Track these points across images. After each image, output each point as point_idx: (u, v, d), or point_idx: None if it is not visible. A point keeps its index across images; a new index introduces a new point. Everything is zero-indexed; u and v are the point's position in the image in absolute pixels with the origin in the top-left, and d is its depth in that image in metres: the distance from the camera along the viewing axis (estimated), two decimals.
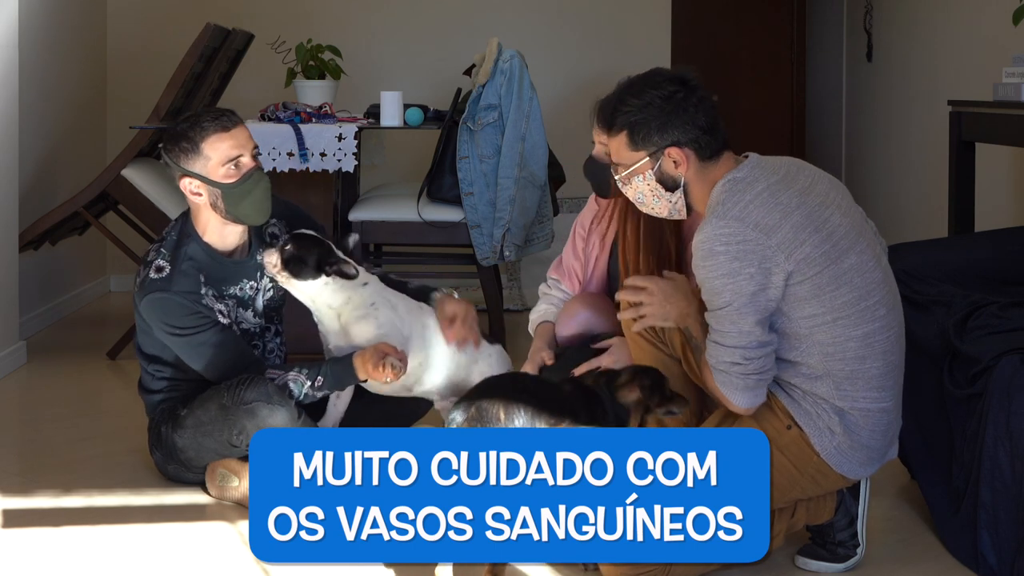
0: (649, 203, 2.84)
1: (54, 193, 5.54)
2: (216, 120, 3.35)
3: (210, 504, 3.38)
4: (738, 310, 2.61)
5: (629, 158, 2.79)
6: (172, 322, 3.33)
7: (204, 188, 3.35)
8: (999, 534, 2.83)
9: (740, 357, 2.63)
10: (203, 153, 3.33)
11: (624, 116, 2.77)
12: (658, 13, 6.71)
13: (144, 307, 3.36)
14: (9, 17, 4.75)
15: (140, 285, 3.37)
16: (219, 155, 3.33)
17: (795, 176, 2.73)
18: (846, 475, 2.73)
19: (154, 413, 3.50)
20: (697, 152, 2.75)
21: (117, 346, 5.00)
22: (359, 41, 6.44)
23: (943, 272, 3.42)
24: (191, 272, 3.35)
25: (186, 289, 3.33)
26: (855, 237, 2.71)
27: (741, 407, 2.68)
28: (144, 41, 6.47)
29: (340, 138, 4.74)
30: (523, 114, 4.68)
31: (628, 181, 2.82)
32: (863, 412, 2.69)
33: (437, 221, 4.80)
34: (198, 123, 3.35)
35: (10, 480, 3.55)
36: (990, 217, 4.95)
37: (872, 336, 2.68)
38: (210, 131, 3.33)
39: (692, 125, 2.73)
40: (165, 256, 3.37)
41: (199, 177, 3.35)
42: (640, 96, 2.76)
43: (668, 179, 2.77)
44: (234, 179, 3.34)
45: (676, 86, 2.75)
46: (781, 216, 2.64)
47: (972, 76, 5.43)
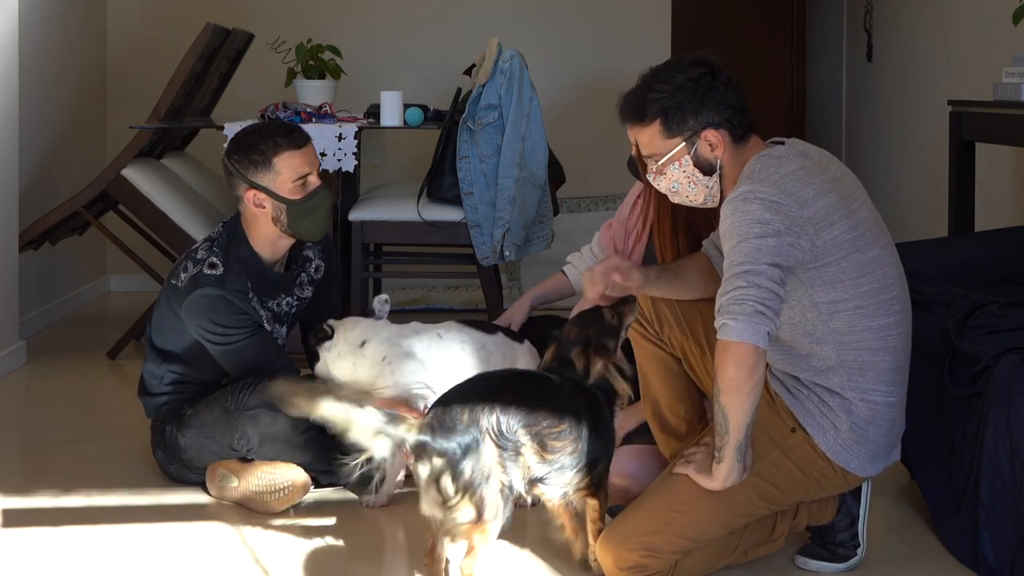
0: (684, 191, 2.80)
1: (54, 193, 5.54)
2: (289, 136, 3.38)
3: (210, 504, 3.38)
4: (758, 246, 2.56)
5: (664, 147, 2.75)
6: (219, 320, 3.32)
7: (269, 201, 3.37)
8: (999, 534, 2.83)
9: (744, 281, 2.55)
10: (274, 168, 3.36)
11: (656, 103, 2.73)
12: (658, 13, 6.71)
13: (193, 300, 3.33)
14: (9, 17, 4.75)
15: (191, 280, 3.34)
16: (290, 171, 3.37)
17: (827, 165, 2.73)
18: (853, 472, 2.73)
19: (158, 413, 3.50)
20: (731, 132, 2.73)
21: (117, 346, 5.00)
22: (359, 41, 6.44)
23: (943, 272, 3.42)
24: (242, 273, 3.37)
25: (238, 288, 3.34)
26: (879, 232, 2.72)
27: (734, 339, 2.53)
28: (144, 41, 6.47)
29: (340, 138, 4.74)
30: (523, 114, 4.67)
31: (663, 172, 2.78)
32: (871, 405, 2.69)
33: (437, 221, 4.80)
34: (272, 138, 3.37)
35: (10, 480, 3.55)
36: (990, 217, 4.95)
37: (887, 329, 2.69)
38: (283, 147, 3.36)
39: (725, 105, 2.72)
40: (218, 255, 3.37)
41: (266, 191, 3.37)
42: (669, 81, 2.73)
43: (705, 163, 2.75)
44: (301, 196, 3.37)
45: (703, 68, 2.73)
46: (815, 194, 2.63)
47: (972, 76, 5.43)
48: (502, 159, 4.67)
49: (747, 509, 2.72)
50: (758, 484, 2.71)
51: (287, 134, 3.39)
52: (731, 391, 2.56)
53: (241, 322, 3.34)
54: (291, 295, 3.54)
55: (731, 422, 2.58)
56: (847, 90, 7.46)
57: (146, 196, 4.96)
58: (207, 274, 3.34)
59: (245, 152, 3.38)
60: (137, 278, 6.12)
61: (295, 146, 3.38)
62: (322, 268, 3.63)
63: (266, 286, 3.45)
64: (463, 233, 4.79)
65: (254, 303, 3.39)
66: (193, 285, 3.34)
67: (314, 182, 3.42)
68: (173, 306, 3.39)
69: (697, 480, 2.67)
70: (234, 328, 3.33)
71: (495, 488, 2.59)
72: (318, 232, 3.46)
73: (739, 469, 2.63)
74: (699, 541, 2.72)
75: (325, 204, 3.44)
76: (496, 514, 2.59)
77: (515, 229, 4.69)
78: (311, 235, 3.45)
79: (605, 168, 6.17)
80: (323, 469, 3.37)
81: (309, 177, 3.40)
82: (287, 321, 3.56)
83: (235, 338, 3.34)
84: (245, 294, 3.36)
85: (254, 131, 3.42)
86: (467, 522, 2.58)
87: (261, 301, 3.43)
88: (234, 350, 3.36)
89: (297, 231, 3.42)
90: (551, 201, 4.94)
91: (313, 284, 3.60)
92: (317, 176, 3.44)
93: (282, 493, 3.28)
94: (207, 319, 3.33)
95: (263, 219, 3.40)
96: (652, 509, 2.71)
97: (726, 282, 2.59)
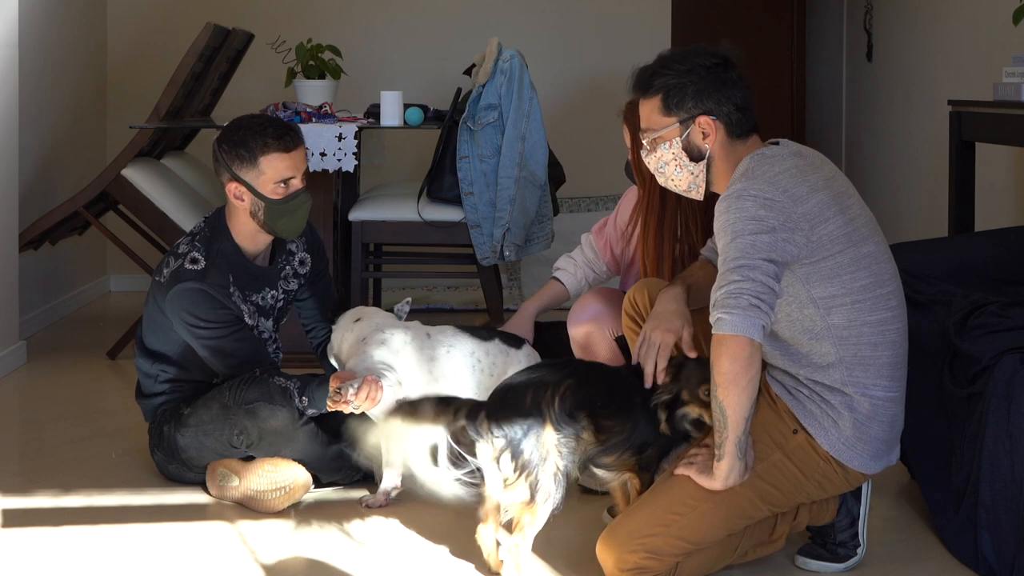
0: (670, 174, 2.84)
1: (54, 193, 5.54)
2: (279, 139, 3.37)
3: (210, 504, 3.38)
4: (752, 242, 2.58)
5: (659, 122, 2.80)
6: (200, 314, 3.33)
7: (248, 196, 3.38)
8: (999, 534, 2.83)
9: (739, 275, 2.57)
10: (259, 166, 3.36)
11: (663, 79, 2.78)
12: (658, 13, 6.71)
13: (174, 295, 3.35)
14: (9, 17, 4.75)
15: (172, 275, 3.36)
16: (274, 173, 3.37)
17: (820, 165, 2.76)
18: (856, 469, 2.73)
19: (155, 414, 3.50)
20: (727, 127, 2.77)
21: (117, 346, 5.00)
22: (359, 41, 6.44)
23: (943, 271, 3.42)
24: (224, 268, 3.38)
25: (219, 283, 3.35)
26: (873, 228, 2.75)
27: (729, 332, 2.55)
28: (144, 41, 6.47)
29: (340, 138, 4.74)
30: (523, 114, 4.67)
31: (654, 148, 2.82)
32: (872, 400, 2.69)
33: (437, 221, 4.80)
34: (262, 136, 3.36)
35: (10, 480, 3.55)
36: (990, 217, 4.95)
37: (885, 324, 2.70)
38: (272, 148, 3.36)
39: (728, 100, 2.76)
40: (200, 250, 3.39)
41: (247, 186, 3.37)
42: (683, 62, 2.78)
43: (695, 149, 2.78)
44: (280, 197, 3.37)
45: (718, 59, 2.78)
46: (809, 190, 2.65)
47: (972, 76, 5.43)
48: (502, 159, 4.67)
49: (748, 511, 2.72)
50: (759, 486, 2.71)
51: (278, 136, 3.37)
52: (727, 385, 2.57)
53: (222, 317, 3.35)
54: (275, 288, 3.53)
55: (729, 417, 2.59)
56: (847, 90, 7.45)
57: (146, 196, 4.96)
58: (188, 268, 3.35)
59: (234, 145, 3.38)
60: (137, 278, 6.13)
61: (283, 149, 3.37)
62: (308, 261, 3.62)
63: (249, 279, 3.46)
64: (463, 233, 4.79)
65: (235, 298, 3.39)
66: (174, 280, 3.35)
67: (296, 185, 3.41)
68: (158, 302, 3.40)
69: (699, 481, 2.68)
70: (216, 323, 3.34)
71: (550, 471, 2.72)
72: (293, 231, 3.46)
73: (740, 467, 2.64)
74: (700, 543, 2.72)
75: (304, 207, 3.44)
76: (547, 497, 2.71)
77: (515, 229, 4.69)
78: (286, 234, 3.45)
79: (605, 168, 6.16)
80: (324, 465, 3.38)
81: (292, 180, 3.40)
82: (272, 314, 3.55)
83: (217, 332, 3.35)
84: (226, 288, 3.37)
85: (248, 124, 3.41)
86: (520, 502, 2.71)
87: (244, 295, 3.43)
88: (216, 344, 3.36)
89: (272, 229, 3.42)
90: (551, 201, 4.93)
91: (298, 277, 3.59)
92: (302, 180, 3.43)
93: (283, 491, 3.28)
94: (188, 313, 3.34)
95: (241, 211, 3.41)
96: (653, 511, 2.71)
97: (721, 277, 2.61)
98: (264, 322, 3.52)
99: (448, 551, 3.02)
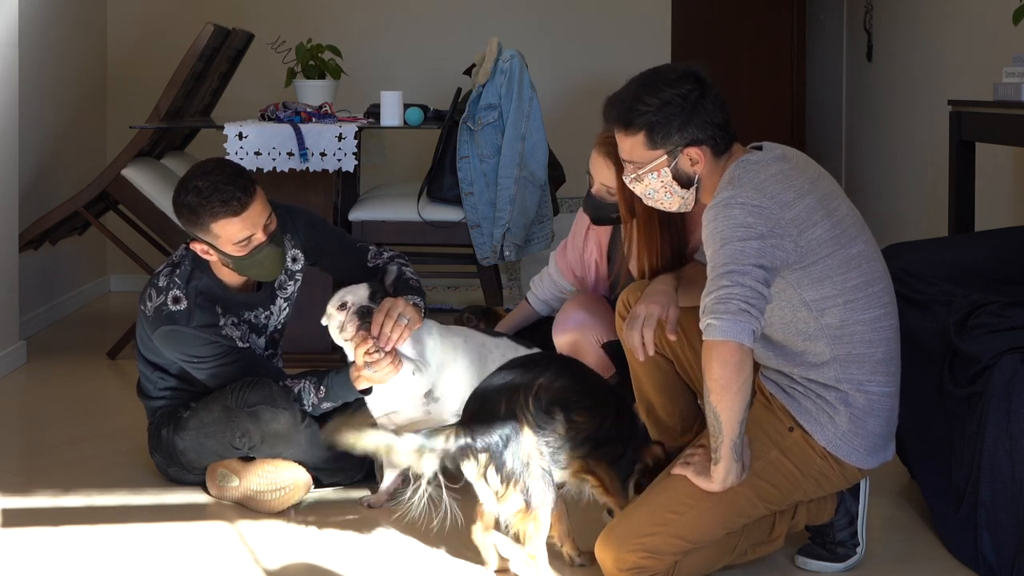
0: (659, 198, 2.83)
1: (54, 193, 5.54)
2: (226, 204, 3.21)
3: (210, 504, 3.38)
4: (742, 248, 2.58)
5: (646, 156, 2.77)
6: (191, 352, 3.33)
7: (215, 252, 3.31)
8: (999, 534, 2.83)
9: (728, 280, 2.56)
10: (212, 232, 3.26)
11: (643, 116, 2.73)
12: (658, 13, 6.70)
13: (162, 337, 3.32)
14: (9, 17, 4.75)
15: (156, 311, 3.31)
16: (228, 236, 3.26)
17: (805, 167, 2.76)
18: (852, 464, 2.73)
19: (154, 416, 3.50)
20: (713, 149, 2.75)
21: (117, 346, 5.00)
22: (359, 41, 6.43)
23: (943, 271, 3.42)
24: (206, 306, 3.33)
25: (204, 323, 3.30)
26: (860, 228, 2.75)
27: (719, 337, 2.54)
28: (144, 41, 6.47)
29: (340, 138, 4.74)
30: (523, 114, 4.67)
31: (640, 179, 2.81)
32: (868, 395, 2.70)
33: (437, 221, 4.80)
34: (208, 204, 3.22)
35: (10, 480, 3.55)
36: (990, 217, 4.95)
37: (878, 321, 2.71)
38: (220, 215, 3.23)
39: (710, 123, 2.73)
40: (180, 286, 3.32)
41: (210, 245, 3.30)
42: (657, 94, 2.73)
43: (684, 176, 2.77)
44: (244, 253, 3.29)
45: (692, 84, 2.74)
46: (795, 196, 2.65)
47: (972, 76, 5.43)
48: (502, 159, 4.67)
49: (746, 509, 2.73)
50: (757, 484, 2.71)
51: (224, 202, 3.21)
52: (720, 390, 2.57)
53: (215, 351, 3.33)
54: (268, 309, 3.50)
55: (723, 421, 2.59)
56: (847, 90, 7.45)
57: (146, 196, 4.96)
58: (171, 311, 3.29)
59: (184, 214, 3.27)
60: (137, 278, 6.12)
61: (232, 214, 3.22)
62: (300, 257, 3.54)
63: (239, 306, 3.42)
64: (463, 233, 4.79)
65: (227, 328, 3.35)
66: (159, 317, 3.30)
67: (259, 239, 3.29)
68: (147, 330, 3.38)
69: (696, 482, 2.68)
70: (209, 357, 3.33)
71: (536, 473, 2.72)
72: (268, 276, 3.38)
73: (737, 469, 2.64)
74: (698, 542, 2.72)
75: (272, 256, 3.32)
76: (543, 500, 2.72)
77: (515, 229, 4.69)
78: (262, 278, 3.39)
79: None
80: (325, 466, 3.38)
81: (253, 237, 3.28)
82: (265, 333, 3.52)
83: (214, 363, 3.34)
84: (215, 324, 3.32)
85: (195, 189, 3.24)
86: (518, 511, 2.72)
87: (239, 317, 3.41)
88: (215, 372, 3.36)
89: (247, 276, 3.37)
90: (551, 201, 4.94)
91: (294, 278, 3.56)
92: (264, 232, 3.29)
93: (283, 492, 3.28)
94: (179, 352, 3.34)
95: (215, 262, 3.37)
96: (651, 510, 2.71)
97: (710, 283, 2.61)
98: (256, 339, 3.49)
99: (447, 551, 3.02)
